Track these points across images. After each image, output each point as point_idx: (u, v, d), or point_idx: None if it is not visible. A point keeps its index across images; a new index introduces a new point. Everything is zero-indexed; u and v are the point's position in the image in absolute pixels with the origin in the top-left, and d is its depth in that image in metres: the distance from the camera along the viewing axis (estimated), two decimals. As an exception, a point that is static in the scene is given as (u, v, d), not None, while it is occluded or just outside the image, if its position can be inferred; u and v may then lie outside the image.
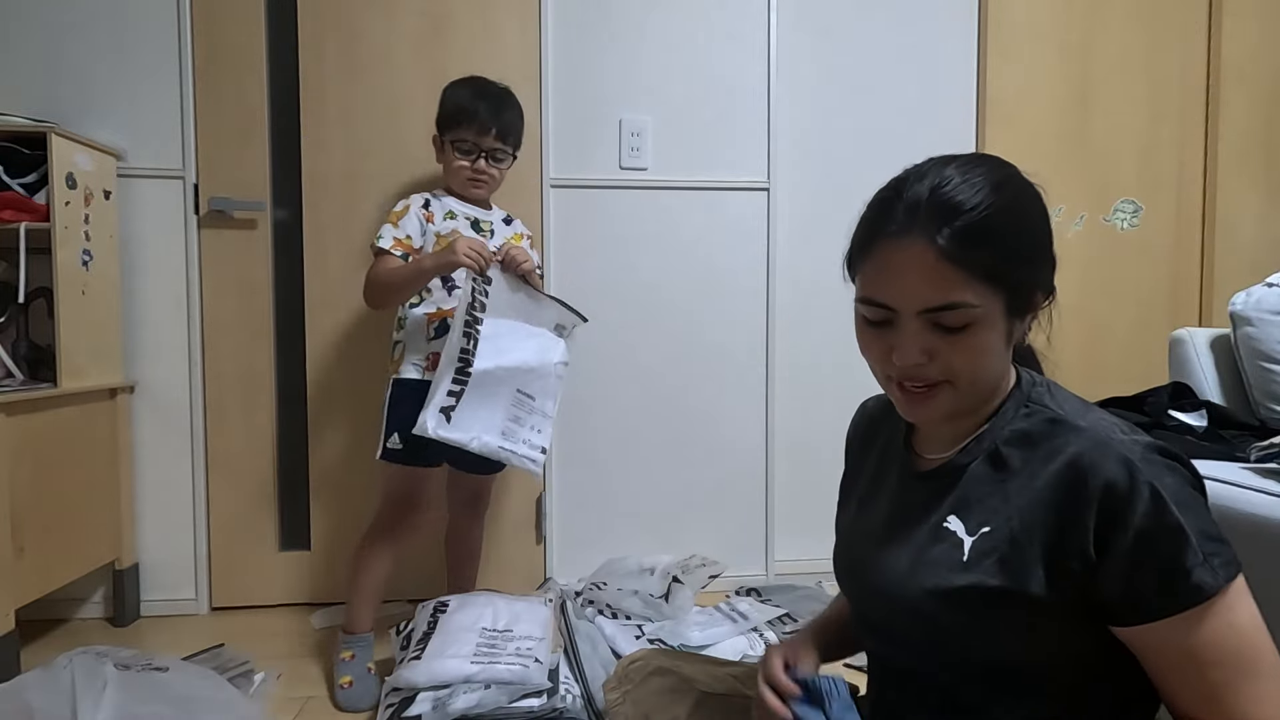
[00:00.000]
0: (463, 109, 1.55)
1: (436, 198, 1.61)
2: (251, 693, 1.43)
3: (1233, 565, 0.57)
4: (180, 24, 1.84)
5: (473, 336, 1.39)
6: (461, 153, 1.57)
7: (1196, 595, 0.56)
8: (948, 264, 0.60)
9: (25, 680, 1.15)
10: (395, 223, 1.53)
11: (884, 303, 0.64)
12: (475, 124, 1.55)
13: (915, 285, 0.62)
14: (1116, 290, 2.23)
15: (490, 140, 1.57)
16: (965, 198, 0.61)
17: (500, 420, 1.43)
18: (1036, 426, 0.66)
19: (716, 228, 2.05)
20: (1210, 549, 0.57)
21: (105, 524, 1.76)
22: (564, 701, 1.26)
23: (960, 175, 0.62)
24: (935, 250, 0.60)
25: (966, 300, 0.61)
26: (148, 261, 1.87)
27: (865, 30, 2.09)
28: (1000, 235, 0.61)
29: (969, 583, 0.63)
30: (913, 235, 0.61)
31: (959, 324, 0.62)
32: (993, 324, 0.63)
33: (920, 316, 0.63)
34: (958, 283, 0.61)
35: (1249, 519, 0.97)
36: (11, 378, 1.63)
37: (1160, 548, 0.56)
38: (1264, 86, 2.25)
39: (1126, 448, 0.59)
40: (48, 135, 1.57)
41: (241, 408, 1.91)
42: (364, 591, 1.51)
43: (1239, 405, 1.47)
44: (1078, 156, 2.20)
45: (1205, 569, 0.56)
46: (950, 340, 0.63)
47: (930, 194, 0.62)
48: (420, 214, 1.56)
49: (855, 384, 0.93)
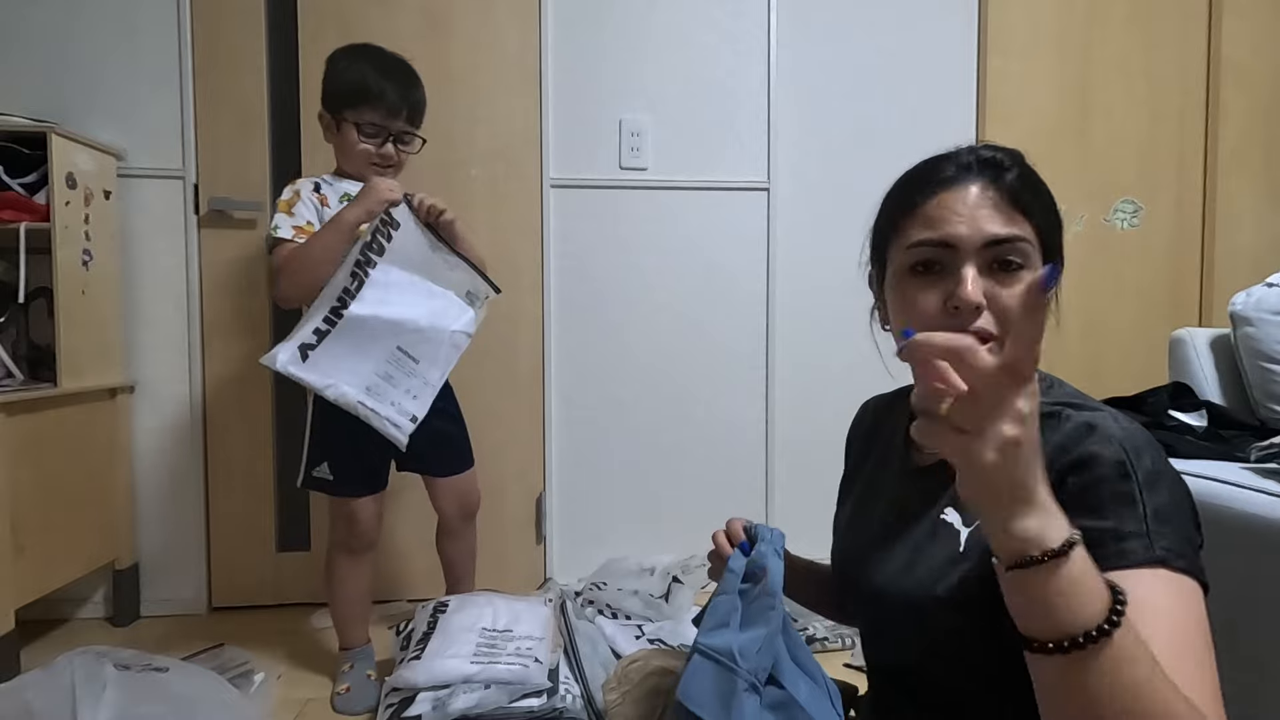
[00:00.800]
0: (367, 88, 1.40)
1: (328, 182, 1.47)
2: (251, 693, 1.42)
3: (1181, 559, 0.54)
4: (180, 24, 1.84)
5: (359, 278, 1.30)
6: (366, 136, 1.42)
7: (1119, 560, 0.54)
8: (1010, 202, 0.65)
9: (25, 680, 1.15)
10: (289, 211, 1.40)
11: (947, 238, 0.65)
12: (383, 105, 1.41)
13: (982, 219, 0.65)
14: (1116, 290, 2.23)
15: (400, 123, 1.44)
16: (1010, 162, 0.67)
17: (367, 373, 1.30)
18: (1041, 409, 0.65)
19: (716, 228, 2.05)
20: (1159, 529, 0.55)
21: (105, 524, 1.76)
22: (564, 701, 1.26)
23: (996, 148, 0.69)
24: (997, 189, 0.65)
25: (1027, 235, 0.65)
26: (148, 261, 1.87)
27: (865, 30, 2.09)
28: (1040, 193, 0.67)
29: (965, 572, 0.63)
30: (972, 180, 0.66)
31: (1017, 262, 0.64)
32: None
33: (982, 252, 0.64)
34: (1017, 220, 0.65)
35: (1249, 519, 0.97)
36: (11, 378, 1.62)
37: (1106, 509, 0.56)
38: (1264, 86, 2.25)
39: (1118, 435, 0.59)
40: (48, 135, 1.57)
41: (241, 408, 1.91)
42: (343, 608, 1.49)
43: (1239, 405, 1.47)
44: (1078, 156, 2.20)
45: (1141, 541, 0.54)
46: (1006, 283, 0.64)
47: (977, 155, 0.68)
48: (312, 199, 1.43)
49: (855, 384, 0.93)
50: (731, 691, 0.58)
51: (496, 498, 1.93)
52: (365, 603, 1.53)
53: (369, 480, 1.46)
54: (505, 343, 1.98)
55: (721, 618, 0.62)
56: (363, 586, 1.50)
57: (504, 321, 1.96)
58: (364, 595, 1.51)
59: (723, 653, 0.59)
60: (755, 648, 0.60)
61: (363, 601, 1.52)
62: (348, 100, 1.41)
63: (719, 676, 0.59)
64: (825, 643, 1.65)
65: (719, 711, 0.57)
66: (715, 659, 0.60)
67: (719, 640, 0.60)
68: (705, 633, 0.62)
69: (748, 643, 0.60)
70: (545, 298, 1.99)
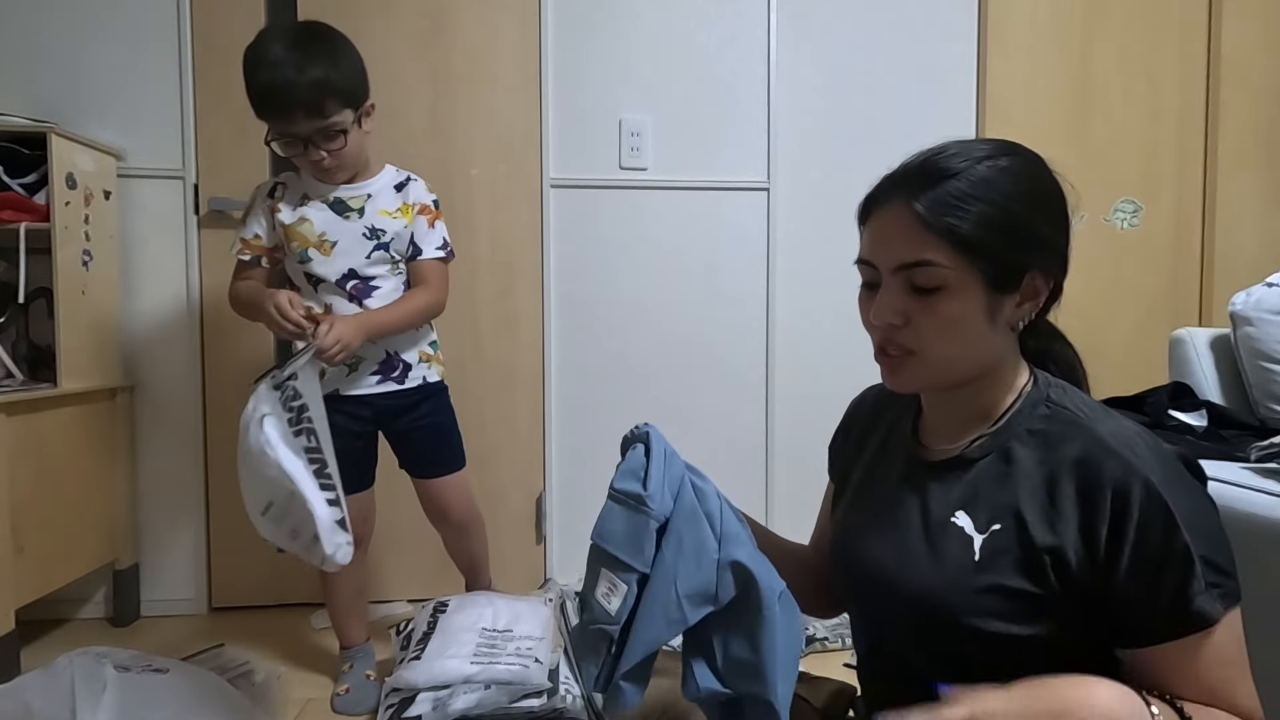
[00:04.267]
0: (260, 92, 1.21)
1: (294, 180, 1.35)
2: (251, 693, 1.42)
3: (1232, 598, 0.58)
4: (180, 24, 1.84)
5: (311, 432, 1.17)
6: (285, 146, 1.25)
7: (1196, 624, 0.57)
8: (920, 225, 0.63)
9: (25, 681, 1.15)
10: (243, 220, 1.33)
11: (868, 259, 0.69)
12: (279, 110, 1.21)
13: (892, 243, 0.65)
14: (1116, 290, 2.23)
15: (307, 125, 1.22)
16: (950, 165, 0.64)
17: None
18: (1054, 427, 0.65)
19: (716, 228, 2.05)
20: (1214, 579, 0.57)
21: (105, 524, 1.76)
22: (564, 701, 1.26)
23: (959, 147, 0.65)
24: (910, 212, 0.63)
25: (937, 260, 0.63)
26: (148, 261, 1.87)
27: (865, 30, 2.09)
28: (977, 203, 0.63)
29: (986, 584, 0.63)
30: (895, 198, 0.65)
31: (930, 285, 0.64)
32: (967, 294, 0.63)
33: (896, 275, 0.65)
34: (929, 243, 0.63)
35: (1249, 519, 0.97)
36: (11, 378, 1.62)
37: (1165, 574, 0.57)
38: (1264, 86, 2.25)
39: (1148, 464, 0.59)
40: (48, 135, 1.57)
41: (241, 408, 1.90)
42: (339, 607, 1.49)
43: (1239, 405, 1.47)
44: (1078, 156, 2.20)
45: (1206, 598, 0.56)
46: (924, 304, 0.64)
47: (921, 162, 0.66)
48: (264, 206, 1.33)
49: (856, 385, 0.93)
50: (643, 528, 0.66)
51: (496, 498, 1.93)
52: (360, 601, 1.53)
53: (351, 479, 1.34)
54: (505, 343, 1.98)
55: (634, 469, 0.69)
56: (355, 585, 1.50)
57: (504, 321, 1.96)
58: (358, 593, 1.51)
59: (632, 496, 0.67)
60: (660, 491, 0.67)
61: (357, 599, 1.52)
62: (254, 108, 1.25)
63: (630, 518, 0.66)
64: (825, 642, 1.65)
65: (630, 547, 0.65)
66: (625, 502, 0.67)
67: (629, 486, 0.68)
68: (617, 480, 0.69)
69: (654, 486, 0.67)
70: (545, 298, 1.99)
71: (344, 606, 1.49)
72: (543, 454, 2.01)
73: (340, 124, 1.25)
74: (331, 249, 1.32)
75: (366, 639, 1.52)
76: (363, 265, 1.34)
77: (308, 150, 1.26)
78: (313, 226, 1.31)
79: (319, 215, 1.32)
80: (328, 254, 1.32)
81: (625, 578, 0.65)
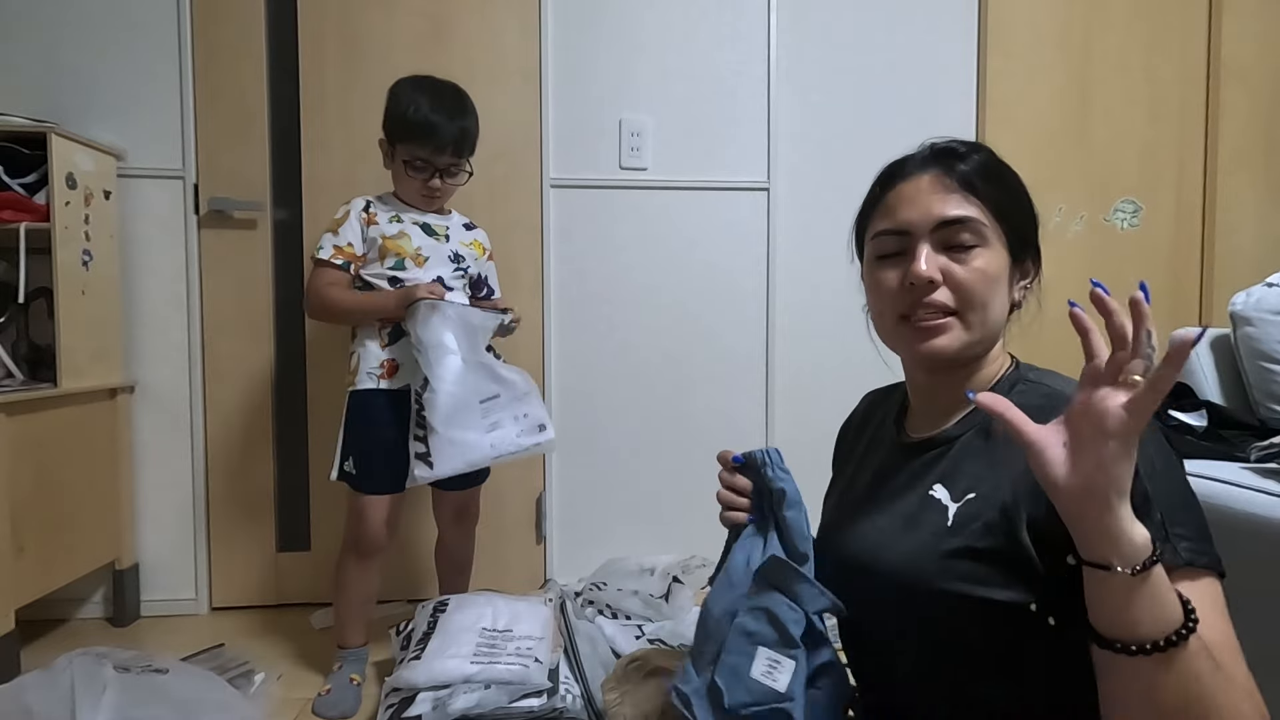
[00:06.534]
0: (418, 124, 1.44)
1: (382, 201, 1.53)
2: (251, 693, 1.43)
3: (1204, 556, 0.57)
4: (180, 24, 1.84)
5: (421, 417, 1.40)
6: (414, 170, 1.48)
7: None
8: (960, 188, 0.69)
9: (25, 682, 1.15)
10: (336, 230, 1.47)
11: (901, 225, 0.70)
12: (431, 142, 1.45)
13: (932, 203, 0.69)
14: (1116, 290, 2.21)
15: (446, 158, 1.49)
16: (968, 151, 0.71)
17: (481, 436, 1.40)
18: (1032, 400, 0.66)
19: (716, 228, 2.05)
20: (1177, 530, 0.57)
21: (105, 524, 1.76)
22: (564, 701, 1.26)
23: (959, 141, 0.73)
24: (949, 176, 0.69)
25: (978, 216, 0.68)
26: (148, 261, 1.87)
27: (865, 30, 2.09)
28: (1000, 178, 0.71)
29: (954, 547, 0.63)
30: (926, 170, 0.71)
31: (970, 242, 0.68)
32: (998, 256, 0.69)
33: (934, 234, 0.68)
34: (969, 202, 0.69)
35: (1249, 519, 0.97)
36: (11, 378, 1.62)
37: None
38: (1264, 86, 2.25)
39: None
40: (48, 135, 1.57)
41: (241, 408, 1.91)
42: (346, 607, 1.50)
43: (1239, 405, 1.47)
44: (1078, 156, 2.20)
45: (1168, 549, 0.56)
46: (961, 260, 0.68)
47: (935, 148, 0.73)
48: (360, 218, 1.49)
49: (855, 384, 0.94)
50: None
51: (496, 498, 1.93)
52: (368, 607, 1.53)
53: (391, 481, 1.45)
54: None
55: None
56: (366, 591, 1.50)
57: (504, 321, 1.96)
58: (367, 599, 1.52)
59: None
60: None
61: (366, 605, 1.52)
62: (400, 134, 1.47)
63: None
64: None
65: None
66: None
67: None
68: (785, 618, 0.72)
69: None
70: (545, 298, 1.99)
71: (350, 609, 1.50)
72: (543, 454, 2.01)
73: (466, 166, 1.55)
74: (425, 262, 1.51)
75: (364, 643, 1.52)
76: (449, 278, 1.54)
77: (434, 177, 1.49)
78: (410, 241, 1.50)
79: (414, 232, 1.52)
80: (421, 265, 1.51)
81: (792, 653, 0.70)
